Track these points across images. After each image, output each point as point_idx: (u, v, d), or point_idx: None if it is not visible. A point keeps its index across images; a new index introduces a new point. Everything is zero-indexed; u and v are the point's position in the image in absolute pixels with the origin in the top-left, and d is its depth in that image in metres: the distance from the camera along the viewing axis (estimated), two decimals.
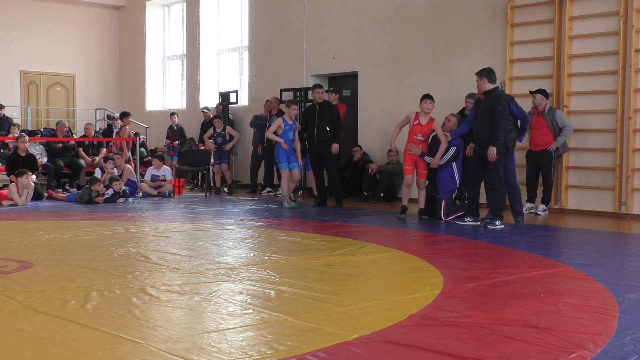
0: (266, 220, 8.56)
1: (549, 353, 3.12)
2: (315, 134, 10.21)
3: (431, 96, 8.63)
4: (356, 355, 3.09)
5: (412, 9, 11.34)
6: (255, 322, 3.66)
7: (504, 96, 8.03)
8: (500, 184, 7.92)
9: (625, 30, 9.00)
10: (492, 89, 7.93)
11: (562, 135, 9.14)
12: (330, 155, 10.26)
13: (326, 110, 10.26)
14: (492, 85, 7.95)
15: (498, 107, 7.77)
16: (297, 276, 4.86)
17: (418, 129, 8.57)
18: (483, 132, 7.90)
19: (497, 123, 7.75)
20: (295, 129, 10.09)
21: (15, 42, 16.66)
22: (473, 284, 4.66)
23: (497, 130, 7.76)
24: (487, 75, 7.94)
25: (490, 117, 7.80)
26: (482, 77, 7.95)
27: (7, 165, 11.32)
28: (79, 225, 7.91)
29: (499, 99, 7.85)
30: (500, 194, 7.93)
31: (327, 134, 10.19)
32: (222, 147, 12.79)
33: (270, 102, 12.78)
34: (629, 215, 9.01)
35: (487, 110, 7.89)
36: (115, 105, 17.67)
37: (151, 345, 3.17)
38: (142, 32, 17.47)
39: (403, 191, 8.94)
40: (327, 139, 10.20)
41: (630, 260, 6.11)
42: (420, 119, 8.56)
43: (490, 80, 7.94)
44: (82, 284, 4.51)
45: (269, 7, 13.91)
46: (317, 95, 10.32)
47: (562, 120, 9.17)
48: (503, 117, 7.80)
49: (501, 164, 7.90)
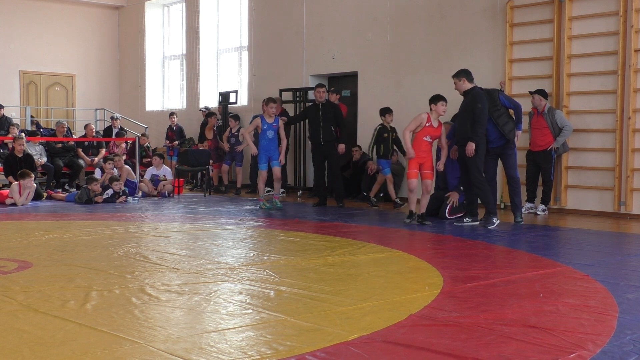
0: (266, 220, 8.56)
1: (548, 353, 3.12)
2: (321, 134, 10.19)
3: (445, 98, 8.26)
4: (356, 355, 3.09)
5: (412, 9, 11.34)
6: (254, 322, 3.66)
7: (484, 93, 8.01)
8: (481, 181, 7.90)
9: (625, 30, 9.00)
10: (471, 88, 7.96)
11: (562, 135, 9.14)
12: (335, 155, 10.26)
13: (330, 110, 10.24)
14: (471, 85, 7.99)
15: (478, 104, 7.81)
16: (297, 276, 4.86)
17: (430, 130, 8.05)
18: (465, 131, 7.93)
19: (477, 120, 7.79)
20: (275, 127, 9.71)
21: (15, 42, 16.65)
22: (472, 284, 4.66)
23: (477, 127, 7.79)
24: (466, 75, 7.99)
25: (471, 116, 7.85)
26: (460, 77, 7.97)
27: (5, 166, 11.31)
28: (78, 225, 7.91)
29: (478, 96, 7.89)
30: (484, 192, 7.91)
31: (332, 134, 10.18)
32: (235, 148, 12.79)
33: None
34: (629, 215, 9.02)
35: (467, 110, 7.95)
36: (114, 105, 17.66)
37: (151, 345, 3.17)
38: (141, 32, 17.46)
39: (409, 197, 8.26)
40: (332, 139, 10.19)
41: (629, 260, 6.11)
42: (433, 121, 8.08)
43: (469, 79, 7.99)
44: (82, 284, 4.51)
45: (269, 7, 13.90)
46: (318, 94, 10.29)
47: (561, 120, 9.17)
48: (483, 114, 7.84)
49: (481, 161, 7.90)
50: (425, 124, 8.06)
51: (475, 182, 7.92)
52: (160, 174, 12.15)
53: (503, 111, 8.15)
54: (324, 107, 10.24)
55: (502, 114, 8.11)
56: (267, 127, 9.66)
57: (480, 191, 7.92)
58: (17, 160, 11.12)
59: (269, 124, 9.67)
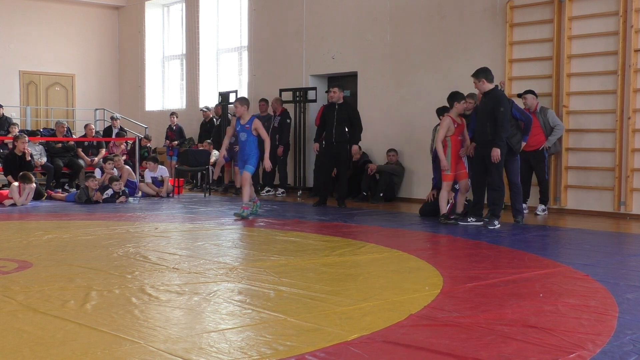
0: (266, 220, 8.56)
1: (548, 353, 3.12)
2: (334, 134, 10.16)
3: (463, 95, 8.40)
4: (355, 355, 3.09)
5: (412, 9, 11.34)
6: (254, 322, 3.66)
7: (505, 96, 8.03)
8: (500, 184, 7.93)
9: (625, 30, 9.00)
10: (492, 89, 7.92)
11: (554, 135, 9.14)
12: (346, 156, 10.23)
13: (345, 111, 10.21)
14: (492, 85, 7.95)
15: (500, 107, 7.75)
16: (297, 276, 4.86)
17: (461, 129, 8.23)
18: (485, 133, 7.88)
19: (500, 124, 7.73)
20: (248, 129, 8.73)
21: (15, 42, 16.65)
22: (472, 284, 4.66)
23: (501, 132, 7.74)
24: (485, 75, 7.92)
25: (492, 117, 7.79)
26: (480, 78, 7.92)
27: (4, 165, 11.31)
28: (78, 225, 7.91)
29: (500, 99, 7.84)
30: (499, 194, 7.94)
31: (345, 135, 10.13)
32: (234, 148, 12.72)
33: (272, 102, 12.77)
34: (629, 215, 9.02)
35: (487, 111, 7.87)
36: (114, 105, 17.67)
37: (150, 345, 3.17)
38: (141, 32, 17.46)
39: (444, 197, 8.28)
40: (344, 140, 10.15)
41: (629, 260, 6.11)
42: (456, 119, 8.21)
43: (489, 80, 7.93)
44: (82, 284, 4.51)
45: (269, 7, 13.90)
46: (333, 95, 10.18)
47: (553, 119, 9.16)
48: (506, 117, 7.79)
49: (502, 165, 7.91)
50: (454, 125, 8.16)
51: (493, 185, 7.93)
52: (157, 175, 12.16)
53: (513, 123, 8.18)
54: (339, 107, 10.22)
55: (512, 126, 8.13)
56: (239, 128, 8.83)
57: (496, 193, 7.94)
58: (16, 159, 11.12)
59: (242, 126, 8.81)
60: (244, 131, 8.79)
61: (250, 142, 8.76)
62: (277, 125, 12.48)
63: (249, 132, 8.75)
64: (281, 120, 12.48)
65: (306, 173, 13.03)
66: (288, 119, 12.53)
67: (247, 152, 8.78)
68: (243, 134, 8.79)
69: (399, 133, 11.50)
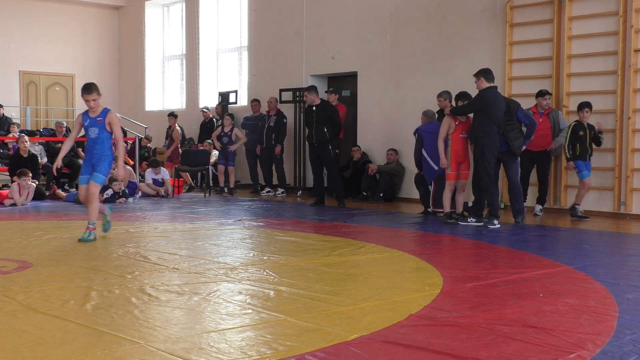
0: (265, 220, 8.56)
1: (548, 353, 3.12)
2: (314, 135, 10.22)
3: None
4: (355, 355, 3.09)
5: (412, 9, 11.34)
6: (254, 322, 3.66)
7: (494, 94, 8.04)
8: (489, 183, 7.93)
9: (625, 30, 9.00)
10: (485, 88, 8.02)
11: (561, 136, 9.14)
12: (329, 155, 10.25)
13: (323, 112, 10.25)
14: (489, 84, 8.01)
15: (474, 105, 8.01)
16: (297, 276, 4.86)
17: (464, 126, 8.31)
18: (474, 132, 8.04)
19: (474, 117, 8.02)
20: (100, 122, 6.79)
21: (15, 42, 16.65)
22: (472, 284, 4.66)
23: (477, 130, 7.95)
24: (485, 74, 8.06)
25: (479, 115, 7.97)
26: (479, 77, 8.07)
27: (10, 166, 11.35)
28: (78, 225, 7.89)
29: (478, 97, 8.03)
30: (491, 194, 7.96)
31: (324, 135, 10.17)
32: (227, 148, 12.72)
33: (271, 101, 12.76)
34: (628, 215, 9.02)
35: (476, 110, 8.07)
36: (114, 106, 17.60)
37: (150, 345, 3.17)
38: (141, 32, 17.46)
39: (447, 196, 8.39)
40: (324, 140, 10.19)
41: (629, 260, 6.11)
42: (460, 117, 8.33)
43: (488, 79, 8.04)
44: (82, 284, 4.51)
45: (269, 7, 13.91)
46: (306, 98, 10.40)
47: (563, 121, 9.19)
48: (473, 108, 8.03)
49: (491, 164, 7.93)
50: (455, 123, 8.26)
51: (484, 186, 7.97)
52: (158, 178, 12.15)
53: (516, 126, 8.23)
54: (317, 108, 10.26)
55: (515, 129, 8.19)
56: (87, 122, 6.81)
57: (488, 193, 7.97)
58: (22, 160, 11.18)
59: (92, 119, 6.80)
60: (95, 125, 6.78)
61: (101, 140, 6.74)
62: (273, 124, 12.49)
63: (102, 126, 6.77)
64: (277, 119, 12.49)
65: (306, 173, 13.03)
66: (284, 118, 12.54)
67: (97, 155, 6.71)
68: (93, 129, 6.77)
69: (399, 133, 11.50)
